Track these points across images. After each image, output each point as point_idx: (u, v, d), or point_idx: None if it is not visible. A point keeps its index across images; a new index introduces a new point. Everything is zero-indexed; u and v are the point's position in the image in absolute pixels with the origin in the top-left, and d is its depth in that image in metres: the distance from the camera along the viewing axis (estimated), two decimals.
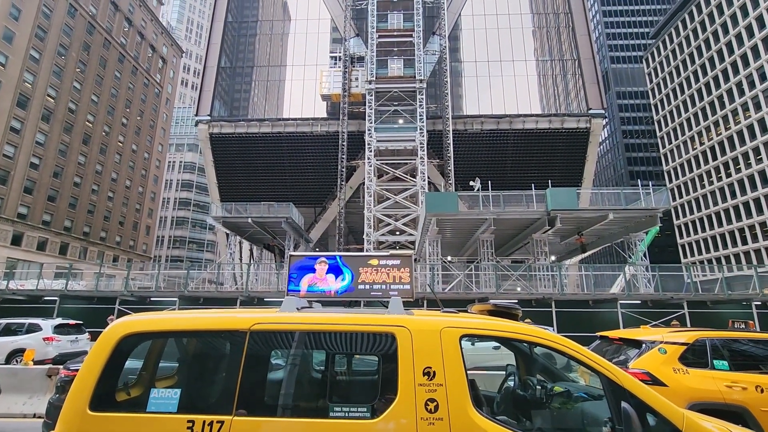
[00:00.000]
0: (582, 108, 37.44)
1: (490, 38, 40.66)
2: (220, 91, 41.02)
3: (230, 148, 39.27)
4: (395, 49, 36.77)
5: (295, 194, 40.35)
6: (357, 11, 41.11)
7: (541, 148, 37.65)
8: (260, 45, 43.13)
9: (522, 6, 41.82)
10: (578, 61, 38.76)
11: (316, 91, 38.88)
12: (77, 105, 54.37)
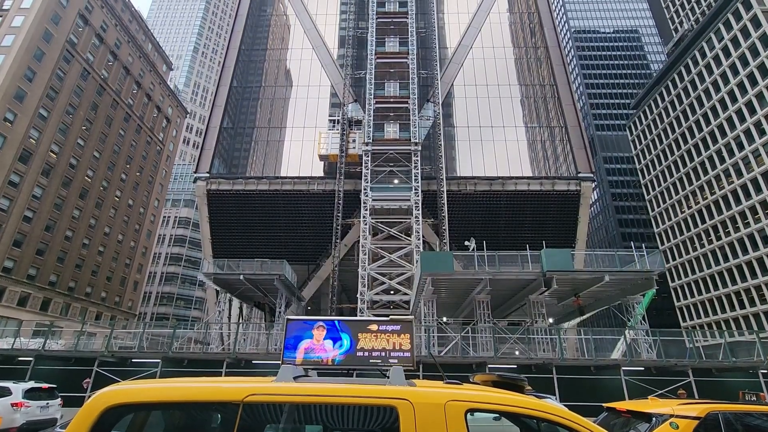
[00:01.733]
0: (571, 171, 38.81)
1: (481, 105, 43.10)
2: (220, 150, 42.27)
3: (226, 205, 39.63)
4: (391, 114, 38.69)
5: (289, 251, 40.12)
6: (355, 79, 43.83)
7: (534, 210, 38.39)
8: (262, 108, 45.26)
9: (510, 77, 44.89)
10: (565, 128, 40.87)
11: (314, 152, 40.20)
12: (78, 160, 55.46)
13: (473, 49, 46.16)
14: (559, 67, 43.87)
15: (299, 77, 45.75)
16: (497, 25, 48.29)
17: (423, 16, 48.09)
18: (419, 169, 35.17)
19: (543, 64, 45.76)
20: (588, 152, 39.12)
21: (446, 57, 46.06)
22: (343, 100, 41.03)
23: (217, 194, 39.24)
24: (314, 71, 45.56)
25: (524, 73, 46.02)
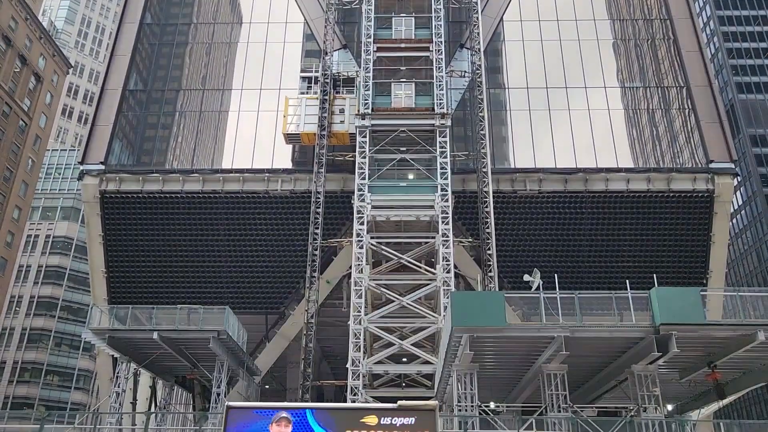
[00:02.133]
0: (698, 160, 38.94)
1: (549, 54, 43.44)
2: (124, 127, 42.68)
3: (133, 216, 39.86)
4: (403, 69, 38.96)
5: (236, 292, 39.92)
6: (345, 12, 44.30)
7: (637, 222, 38.37)
8: (193, 60, 45.78)
9: (595, 7, 45.31)
10: (687, 89, 41.12)
11: (277, 129, 40.52)
12: None
13: None
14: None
15: (254, 9, 46.24)
16: None
17: None
18: (449, 156, 35.33)
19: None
20: (725, 128, 39.27)
21: None
22: (325, 45, 41.51)
23: (117, 198, 39.53)
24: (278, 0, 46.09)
25: (618, 2, 46.45)
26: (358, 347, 31.57)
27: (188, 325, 30.15)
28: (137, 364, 32.62)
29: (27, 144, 73.92)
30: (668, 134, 41.21)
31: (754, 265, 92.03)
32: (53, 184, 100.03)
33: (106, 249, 39.84)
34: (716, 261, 37.91)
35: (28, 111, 73.86)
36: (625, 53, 44.60)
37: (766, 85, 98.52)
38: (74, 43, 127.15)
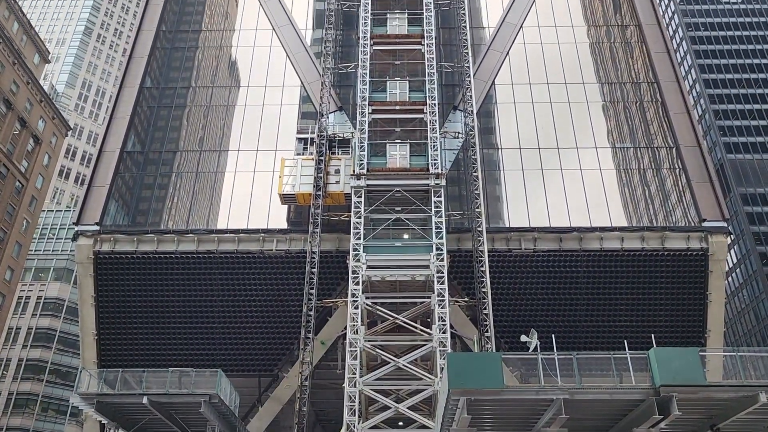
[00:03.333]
0: (691, 218, 39.22)
1: (540, 116, 44.39)
2: (120, 188, 42.97)
3: (126, 277, 39.60)
4: (398, 130, 39.64)
5: (229, 355, 39.31)
6: (341, 76, 45.45)
7: (633, 280, 38.29)
8: (191, 121, 46.56)
9: (584, 72, 46.66)
10: (676, 149, 41.87)
11: (273, 190, 40.84)
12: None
13: (524, 29, 48.28)
14: (661, 55, 45.68)
15: (251, 73, 47.43)
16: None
17: None
18: (443, 216, 35.49)
19: (635, 52, 47.70)
20: (716, 188, 39.72)
21: (482, 41, 48.13)
22: (321, 107, 42.32)
23: (111, 259, 39.35)
24: (275, 64, 47.33)
25: (606, 66, 47.85)
26: (353, 411, 30.89)
27: (179, 389, 29.68)
28: (126, 431, 31.80)
29: (23, 205, 74.08)
30: (660, 193, 41.66)
31: (752, 323, 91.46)
32: (47, 245, 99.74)
33: (97, 311, 39.36)
34: (714, 320, 37.67)
35: (25, 172, 74.35)
36: (615, 115, 45.59)
37: (754, 146, 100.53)
38: (74, 106, 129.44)
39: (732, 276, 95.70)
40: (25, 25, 78.40)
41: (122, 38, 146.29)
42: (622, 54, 48.24)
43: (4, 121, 70.44)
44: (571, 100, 44.91)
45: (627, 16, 49.65)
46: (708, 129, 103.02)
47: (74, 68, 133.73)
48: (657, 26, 47.60)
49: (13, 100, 71.83)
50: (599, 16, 51.04)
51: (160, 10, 49.64)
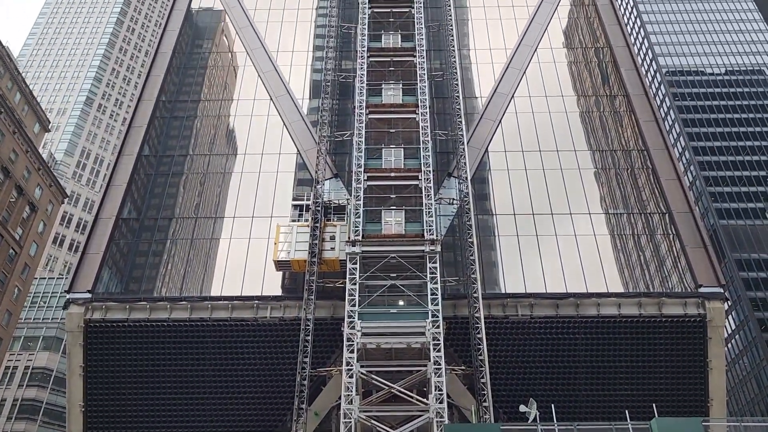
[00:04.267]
0: (687, 284, 39.12)
1: (534, 182, 44.99)
2: (114, 255, 42.78)
3: (117, 346, 38.86)
4: (393, 196, 40.01)
5: (220, 427, 38.13)
6: (337, 144, 46.24)
7: (632, 347, 37.82)
8: (187, 189, 46.93)
9: (575, 140, 47.62)
10: (669, 215, 42.23)
11: (267, 256, 40.71)
12: None
13: (516, 99, 49.65)
14: (649, 124, 46.82)
15: (248, 141, 48.23)
16: (550, 65, 52.67)
17: (439, 54, 52.58)
18: (439, 282, 35.34)
19: (625, 120, 48.88)
20: (710, 254, 39.83)
21: (475, 110, 49.31)
22: (317, 174, 42.81)
23: (101, 327, 38.70)
24: (272, 132, 48.23)
25: (597, 134, 48.89)
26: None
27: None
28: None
29: (15, 273, 73.42)
30: (655, 259, 41.72)
31: (755, 392, 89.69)
32: (37, 313, 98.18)
33: (85, 382, 38.39)
34: (716, 389, 36.97)
35: (19, 240, 74.09)
36: (607, 181, 46.22)
37: (745, 211, 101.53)
38: (72, 174, 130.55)
39: (731, 343, 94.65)
40: (27, 95, 79.98)
41: (123, 108, 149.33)
42: (612, 122, 49.40)
43: (1, 189, 70.78)
44: (563, 167, 45.62)
45: (615, 87, 51.17)
46: (699, 195, 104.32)
47: (74, 137, 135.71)
48: (644, 96, 49.01)
49: (12, 169, 72.43)
50: (588, 86, 52.60)
51: (160, 81, 50.97)
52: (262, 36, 55.06)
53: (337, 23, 53.45)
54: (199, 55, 56.48)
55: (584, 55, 55.05)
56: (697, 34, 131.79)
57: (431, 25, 53.27)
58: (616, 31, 54.09)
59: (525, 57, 52.70)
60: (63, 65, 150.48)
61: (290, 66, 52.79)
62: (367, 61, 46.88)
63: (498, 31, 55.25)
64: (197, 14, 59.59)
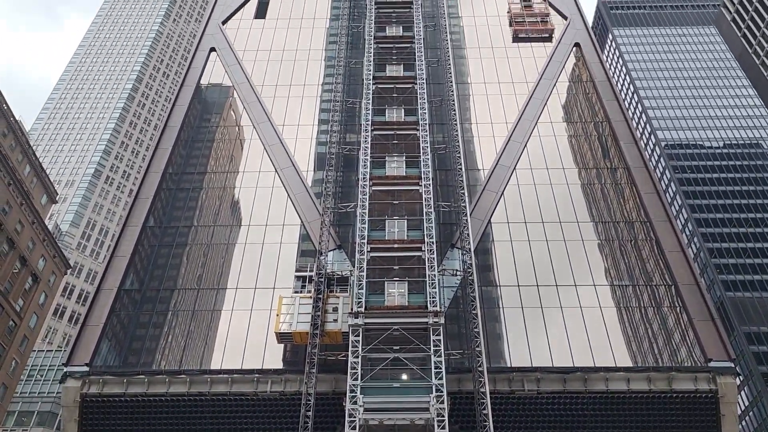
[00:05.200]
0: (696, 358, 38.31)
1: (537, 253, 44.95)
2: (114, 326, 42.32)
3: (113, 422, 37.92)
4: (396, 268, 39.91)
5: None
6: (340, 215, 46.52)
7: (642, 424, 36.82)
8: (191, 259, 46.93)
9: (578, 211, 47.89)
10: (675, 287, 41.89)
11: (269, 328, 40.19)
12: None
13: (517, 171, 50.34)
14: (650, 196, 47.19)
15: (252, 213, 48.61)
16: (550, 138, 53.67)
17: (441, 127, 53.72)
18: (443, 355, 34.70)
19: (626, 192, 49.30)
20: (719, 327, 39.24)
21: (478, 182, 49.86)
22: (320, 246, 42.84)
23: (98, 402, 37.80)
24: (276, 204, 48.69)
25: (599, 206, 49.20)
26: None
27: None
28: None
29: (13, 345, 72.40)
30: (663, 332, 41.08)
31: None
32: (33, 387, 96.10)
33: None
34: None
35: (20, 311, 73.50)
36: (611, 253, 46.14)
37: (752, 283, 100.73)
38: (77, 245, 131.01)
39: (745, 420, 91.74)
40: (37, 168, 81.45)
41: (130, 180, 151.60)
42: (614, 194, 49.81)
43: (5, 260, 70.83)
44: (566, 239, 45.69)
45: (615, 159, 51.90)
46: (704, 267, 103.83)
47: (80, 208, 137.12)
48: (644, 168, 49.67)
49: (17, 240, 72.78)
50: (589, 159, 53.36)
51: (168, 154, 52.00)
52: (268, 110, 56.47)
53: (342, 98, 54.91)
54: (207, 128, 57.81)
55: (584, 129, 56.15)
56: (693, 109, 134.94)
57: (434, 100, 54.70)
58: (614, 106, 55.41)
59: (526, 130, 53.78)
60: (74, 138, 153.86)
61: (296, 139, 53.92)
62: (371, 134, 47.89)
63: (499, 106, 56.63)
64: (206, 89, 61.38)
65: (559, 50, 61.96)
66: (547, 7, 67.26)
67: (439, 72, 57.97)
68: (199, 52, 63.91)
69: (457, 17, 68.20)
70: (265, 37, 65.67)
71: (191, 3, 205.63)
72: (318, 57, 63.04)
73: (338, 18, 65.73)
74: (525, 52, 62.51)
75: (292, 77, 60.47)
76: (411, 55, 55.79)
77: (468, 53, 63.26)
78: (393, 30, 60.22)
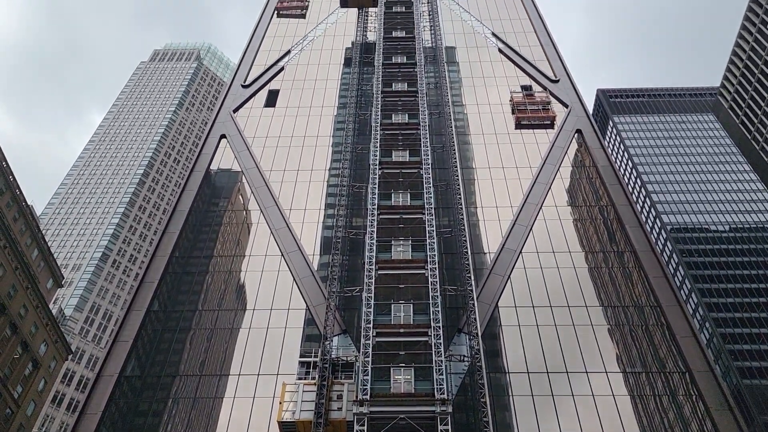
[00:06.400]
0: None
1: (547, 338, 44.12)
2: (113, 415, 41.29)
3: None
4: (402, 353, 39.13)
5: None
6: (346, 299, 46.13)
7: None
8: (194, 344, 46.26)
9: (586, 295, 47.37)
10: (689, 374, 40.74)
11: (272, 416, 39.07)
12: None
13: (524, 254, 50.26)
14: (659, 280, 46.79)
15: (258, 297, 48.31)
16: (555, 222, 53.91)
17: (447, 211, 54.14)
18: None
19: (634, 276, 48.92)
20: (737, 416, 37.86)
21: (484, 265, 49.70)
22: (325, 330, 42.26)
23: None
24: (282, 288, 48.46)
25: (607, 290, 48.72)
26: None
27: None
28: None
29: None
30: (680, 422, 39.62)
31: None
32: None
33: None
34: None
35: (18, 399, 71.83)
36: (622, 338, 45.27)
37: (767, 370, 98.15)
38: (79, 329, 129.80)
39: None
40: (45, 252, 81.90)
41: (136, 264, 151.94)
42: (622, 278, 49.43)
43: (6, 345, 69.98)
44: (575, 323, 44.97)
45: (622, 243, 51.86)
46: (718, 353, 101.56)
47: (85, 292, 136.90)
48: (651, 252, 49.53)
49: (20, 324, 72.15)
50: (595, 243, 53.35)
51: (175, 238, 52.37)
52: (276, 194, 57.29)
53: (349, 182, 55.74)
54: (214, 212, 58.48)
55: (589, 213, 56.47)
56: (697, 193, 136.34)
57: (439, 184, 55.44)
58: (617, 190, 55.98)
59: (531, 214, 54.13)
60: (83, 222, 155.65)
61: (302, 223, 54.35)
62: (377, 218, 48.24)
63: (503, 190, 57.30)
64: (216, 174, 62.60)
65: (561, 136, 63.34)
66: (548, 95, 69.32)
67: (444, 157, 59.11)
68: (210, 139, 65.66)
69: (461, 105, 70.30)
70: (274, 123, 67.61)
71: (204, 92, 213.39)
72: (325, 143, 64.62)
73: (345, 106, 67.78)
74: (528, 138, 63.90)
75: (300, 162, 61.75)
76: (416, 141, 57.04)
77: (472, 139, 64.69)
78: (399, 117, 61.98)
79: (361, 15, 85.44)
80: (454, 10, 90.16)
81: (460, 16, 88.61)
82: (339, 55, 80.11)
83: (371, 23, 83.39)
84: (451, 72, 74.95)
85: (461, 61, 78.04)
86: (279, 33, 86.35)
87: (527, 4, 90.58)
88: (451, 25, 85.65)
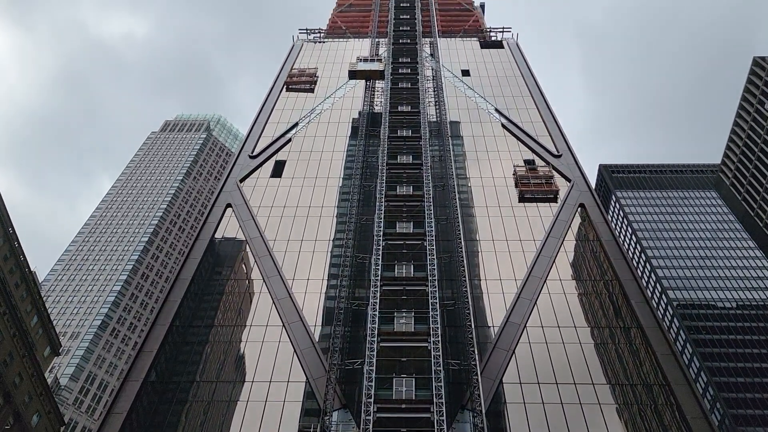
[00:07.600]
0: None
1: (553, 416, 42.81)
2: None
3: None
4: (403, 430, 37.97)
5: None
6: (346, 373, 45.13)
7: None
8: (189, 418, 45.09)
9: (592, 372, 46.26)
10: None
11: None
12: None
13: (528, 329, 49.47)
14: (667, 357, 45.80)
15: (257, 368, 47.33)
16: (560, 296, 53.36)
17: (450, 283, 53.78)
18: None
19: (641, 353, 47.93)
20: None
21: (488, 339, 48.83)
22: (325, 404, 41.19)
23: None
24: (282, 360, 47.54)
25: (614, 367, 47.66)
26: None
27: None
28: None
29: None
30: None
31: None
32: None
33: None
34: None
35: None
36: (631, 418, 43.90)
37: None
38: (73, 400, 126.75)
39: None
40: (45, 319, 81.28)
41: (135, 332, 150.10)
42: (629, 354, 48.42)
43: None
44: (582, 402, 43.67)
45: (628, 318, 51.11)
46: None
47: (82, 362, 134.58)
48: (658, 329, 48.67)
49: (14, 394, 70.66)
50: (600, 318, 52.61)
51: (176, 307, 51.87)
52: (279, 264, 57.13)
53: (353, 253, 55.67)
54: (217, 281, 58.22)
55: (594, 287, 56.02)
56: (702, 269, 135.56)
57: (443, 256, 55.30)
58: (622, 265, 55.66)
59: (535, 288, 53.65)
60: (84, 290, 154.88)
61: (305, 293, 53.92)
62: (380, 289, 47.91)
63: (507, 263, 57.02)
64: (220, 243, 62.71)
65: (565, 210, 63.63)
66: (551, 170, 70.17)
67: (448, 229, 59.26)
68: (216, 208, 66.16)
69: (465, 178, 71.09)
70: (280, 193, 68.28)
71: (212, 162, 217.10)
72: (330, 213, 64.96)
73: (350, 177, 68.64)
74: (531, 211, 64.19)
75: (304, 232, 61.91)
76: (420, 213, 57.40)
77: (476, 212, 64.99)
78: (404, 189, 62.70)
79: (368, 88, 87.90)
80: (458, 86, 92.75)
81: (464, 92, 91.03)
82: (345, 127, 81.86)
83: (377, 98, 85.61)
84: (456, 146, 76.27)
85: (465, 135, 79.53)
86: (288, 106, 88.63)
87: (529, 82, 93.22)
88: (455, 100, 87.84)
